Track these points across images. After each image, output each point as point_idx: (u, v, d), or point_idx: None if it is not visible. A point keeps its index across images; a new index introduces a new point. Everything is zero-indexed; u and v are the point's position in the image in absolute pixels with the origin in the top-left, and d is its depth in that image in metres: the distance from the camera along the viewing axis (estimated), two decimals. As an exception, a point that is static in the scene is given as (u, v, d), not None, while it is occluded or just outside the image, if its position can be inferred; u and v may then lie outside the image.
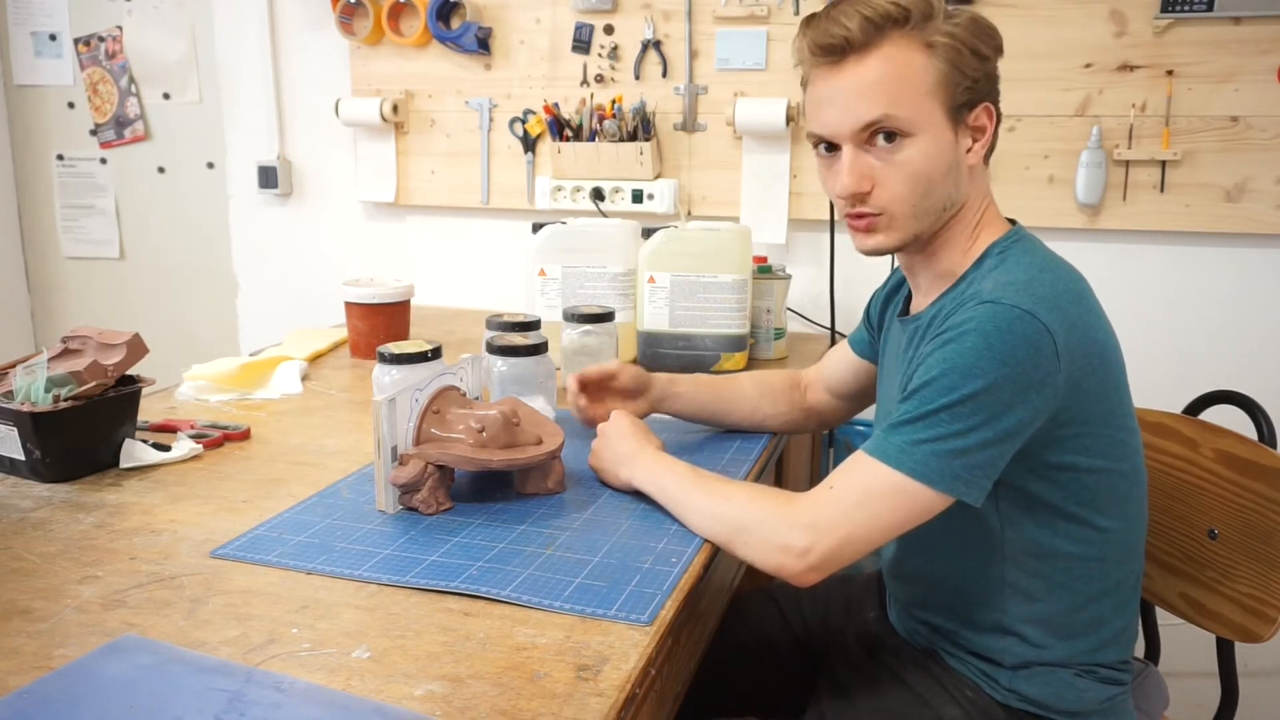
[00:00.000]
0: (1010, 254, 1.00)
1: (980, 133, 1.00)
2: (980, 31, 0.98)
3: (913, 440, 0.91)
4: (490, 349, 1.29)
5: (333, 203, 2.37)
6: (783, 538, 0.93)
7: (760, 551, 0.95)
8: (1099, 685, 1.02)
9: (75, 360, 1.18)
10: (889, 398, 1.12)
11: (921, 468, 0.90)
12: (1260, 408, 1.22)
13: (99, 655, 0.76)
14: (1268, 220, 1.75)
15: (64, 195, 2.61)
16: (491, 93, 2.16)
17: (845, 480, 0.94)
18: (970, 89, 0.98)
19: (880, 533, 0.93)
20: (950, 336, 0.91)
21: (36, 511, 1.05)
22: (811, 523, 0.93)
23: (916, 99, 0.96)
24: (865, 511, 0.92)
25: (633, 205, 2.06)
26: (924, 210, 1.00)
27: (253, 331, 2.49)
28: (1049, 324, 0.89)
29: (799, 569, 0.93)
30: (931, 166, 0.98)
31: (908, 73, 0.96)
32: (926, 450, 0.90)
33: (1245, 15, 1.69)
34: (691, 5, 1.98)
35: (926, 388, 0.91)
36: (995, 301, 0.90)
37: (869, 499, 0.92)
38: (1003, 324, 0.89)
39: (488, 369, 1.28)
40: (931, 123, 0.97)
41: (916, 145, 0.97)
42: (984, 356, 0.89)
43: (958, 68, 0.96)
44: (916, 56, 0.96)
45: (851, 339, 1.31)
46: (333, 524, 1.02)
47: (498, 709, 0.70)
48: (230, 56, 2.37)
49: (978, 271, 1.01)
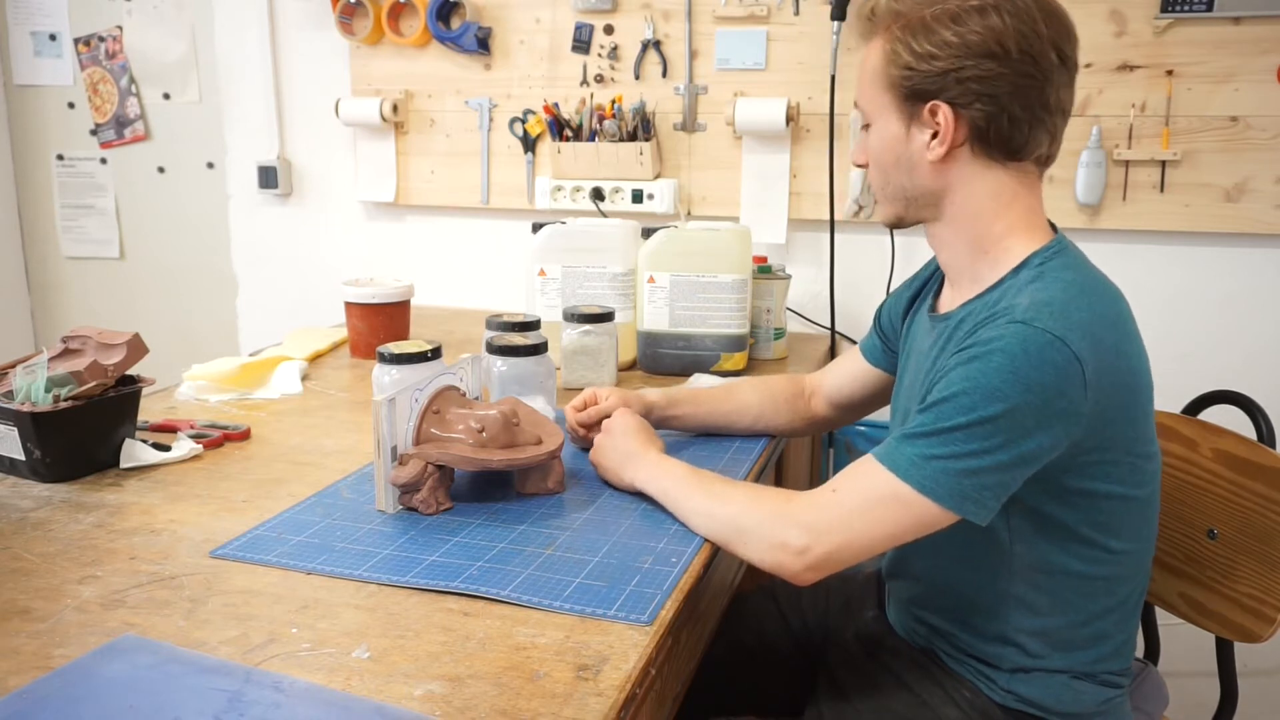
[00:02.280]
0: (1050, 268, 0.97)
1: (939, 128, 0.99)
2: (939, 30, 0.96)
3: (925, 454, 0.90)
4: (490, 349, 1.29)
5: (333, 203, 2.37)
6: (781, 536, 0.93)
7: (758, 550, 0.95)
8: (1097, 688, 1.02)
9: (75, 360, 1.18)
10: (909, 395, 1.11)
11: (930, 483, 0.89)
12: (1260, 408, 1.22)
13: (98, 655, 0.76)
14: (1267, 220, 1.75)
15: (64, 195, 2.61)
16: (491, 93, 2.16)
17: (850, 484, 0.94)
18: (911, 86, 0.99)
19: (880, 541, 0.93)
20: (976, 353, 0.90)
21: (36, 511, 1.05)
22: (811, 523, 0.93)
23: (873, 89, 1.03)
24: (867, 518, 0.92)
25: (633, 205, 2.06)
26: (888, 195, 1.07)
27: (253, 331, 2.49)
28: (1079, 352, 0.88)
29: (797, 568, 0.93)
30: (880, 155, 1.05)
31: (870, 65, 1.03)
32: (938, 467, 0.89)
33: (1245, 15, 1.69)
34: (691, 5, 1.98)
35: (946, 403, 0.90)
36: (1027, 323, 0.88)
37: (872, 506, 0.92)
38: (1032, 348, 0.87)
39: (488, 369, 1.28)
40: (880, 113, 1.03)
41: (872, 134, 1.05)
42: (1008, 379, 0.87)
43: (899, 65, 0.99)
44: (879, 51, 1.02)
45: (863, 346, 1.31)
46: (332, 524, 1.02)
47: (497, 709, 0.70)
48: (230, 56, 2.37)
49: (1014, 280, 0.98)
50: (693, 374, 1.59)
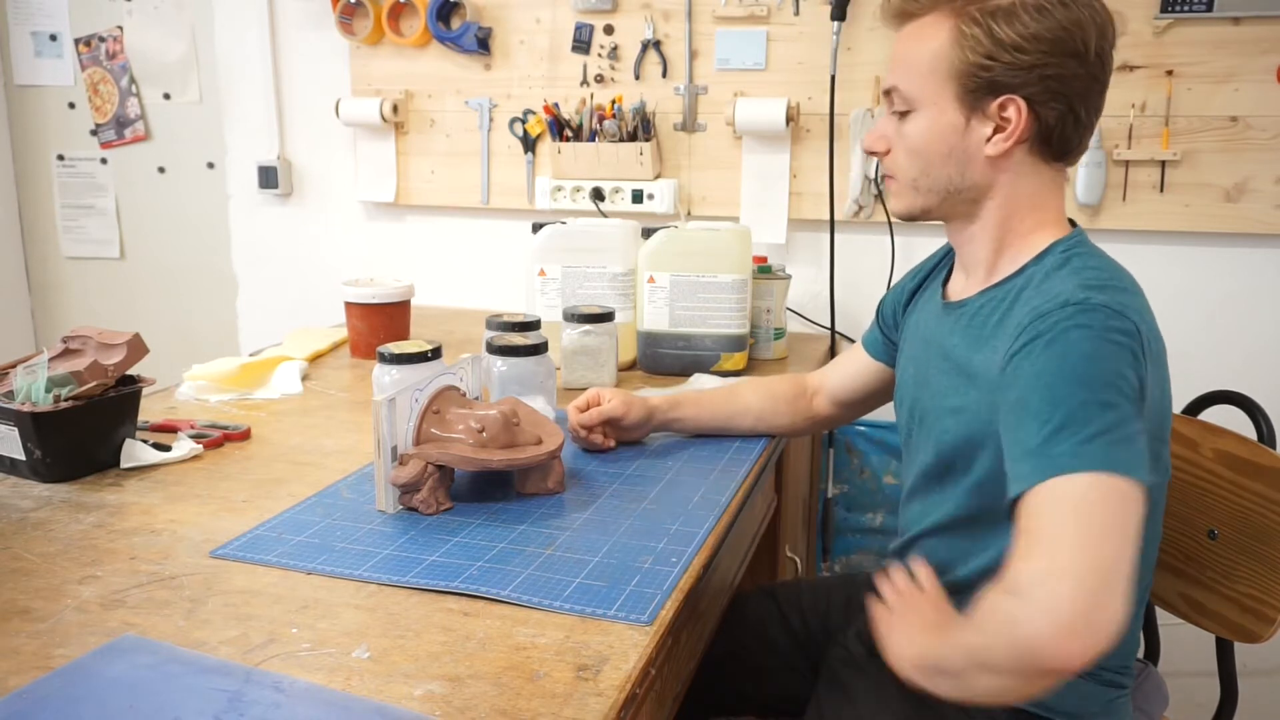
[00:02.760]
0: (1076, 255, 0.96)
1: (1006, 124, 0.95)
2: (1029, 23, 0.91)
3: (1080, 440, 0.80)
4: (490, 349, 1.29)
5: (333, 203, 2.37)
6: (1038, 630, 0.74)
7: (1038, 661, 0.75)
8: (1100, 688, 1.02)
9: (75, 360, 1.18)
10: (916, 385, 1.09)
11: (1106, 459, 0.79)
12: (1260, 408, 1.22)
13: (98, 655, 0.76)
14: (1267, 220, 1.75)
15: (64, 195, 2.61)
16: (491, 93, 2.16)
17: (1041, 527, 0.80)
18: (989, 78, 0.93)
19: (1122, 545, 0.77)
20: (1050, 338, 0.86)
21: (36, 511, 1.05)
22: (1051, 592, 0.75)
23: (925, 76, 0.96)
24: (1092, 533, 0.76)
25: (633, 205, 2.06)
26: (925, 187, 1.01)
27: (253, 331, 2.49)
28: (1137, 323, 0.87)
29: (1083, 645, 0.73)
30: (928, 145, 0.98)
31: (928, 48, 0.96)
32: (1102, 442, 0.80)
33: (1245, 15, 1.69)
34: (691, 5, 1.98)
35: (1052, 390, 0.84)
36: (1084, 302, 0.87)
37: (1082, 520, 0.77)
38: (1097, 321, 0.85)
39: (488, 369, 1.28)
40: (934, 101, 0.97)
41: (915, 121, 0.99)
42: (1097, 346, 0.84)
43: (978, 53, 0.93)
44: (944, 33, 0.95)
45: (865, 340, 1.30)
46: (332, 524, 1.02)
47: (497, 709, 0.70)
48: (230, 56, 2.37)
49: (1037, 267, 0.97)
50: (693, 374, 1.59)
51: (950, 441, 1.01)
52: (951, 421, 1.01)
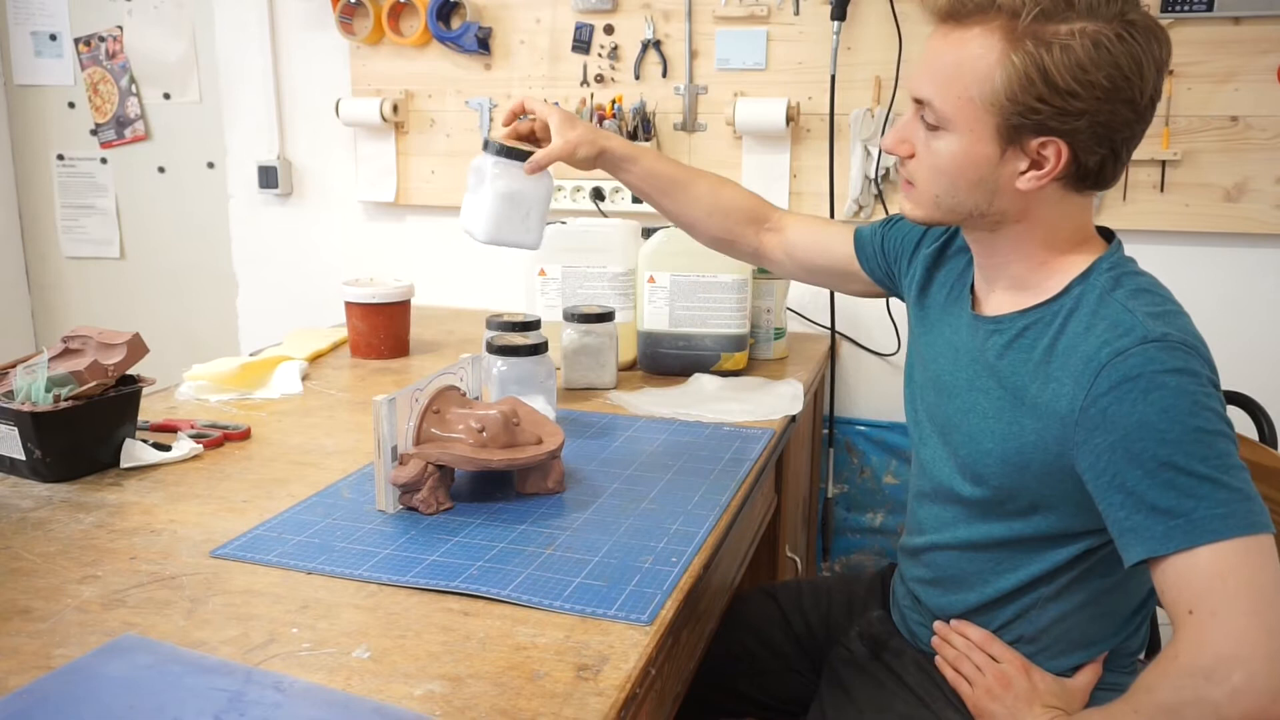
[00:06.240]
0: (1126, 275, 0.95)
1: (1043, 163, 0.90)
2: (1087, 65, 0.84)
3: (1218, 503, 0.80)
4: (490, 349, 1.29)
5: (333, 203, 2.37)
6: (1244, 713, 0.77)
7: None
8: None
9: (76, 360, 1.18)
10: (942, 391, 1.05)
11: (1249, 522, 0.80)
12: (1261, 408, 1.22)
13: (99, 655, 0.76)
14: (1267, 220, 1.75)
15: (64, 195, 2.61)
16: (491, 93, 2.16)
17: (1208, 603, 0.79)
18: (1034, 117, 0.87)
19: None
20: (1146, 384, 0.84)
21: (36, 511, 1.05)
22: (1230, 656, 0.77)
23: (964, 100, 0.89)
24: (1263, 601, 0.78)
25: (633, 205, 2.06)
26: (947, 206, 0.96)
27: (253, 331, 2.49)
28: (1207, 355, 0.88)
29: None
30: (958, 171, 0.92)
31: (971, 68, 0.88)
32: (1240, 503, 0.81)
33: (1245, 15, 1.69)
34: (691, 5, 1.98)
35: (1171, 448, 0.82)
36: (1164, 340, 0.86)
37: (1249, 590, 0.78)
38: (1179, 361, 0.84)
39: (488, 369, 1.28)
40: (971, 128, 0.90)
41: (946, 141, 0.92)
42: (1197, 394, 0.83)
43: (1029, 94, 0.86)
44: (992, 55, 0.87)
45: (861, 232, 1.24)
46: (333, 524, 1.02)
47: (497, 709, 0.70)
48: (230, 56, 2.37)
49: (1084, 286, 0.94)
50: (693, 374, 1.59)
51: (989, 463, 0.97)
52: (992, 444, 0.97)
